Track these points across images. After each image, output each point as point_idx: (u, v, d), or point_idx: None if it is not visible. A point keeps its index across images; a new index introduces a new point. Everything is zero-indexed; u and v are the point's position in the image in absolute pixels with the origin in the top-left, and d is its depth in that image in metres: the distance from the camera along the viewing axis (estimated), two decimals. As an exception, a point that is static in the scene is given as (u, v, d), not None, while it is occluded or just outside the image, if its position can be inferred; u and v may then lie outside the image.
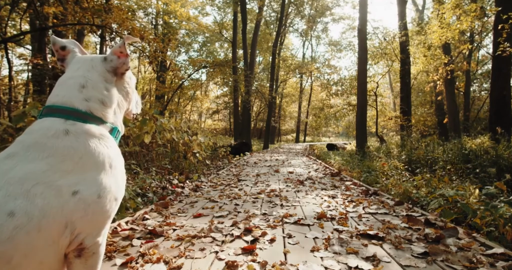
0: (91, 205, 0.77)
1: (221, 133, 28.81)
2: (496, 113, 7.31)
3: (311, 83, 29.48)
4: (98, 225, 0.81)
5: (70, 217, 0.74)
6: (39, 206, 0.70)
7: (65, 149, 0.79)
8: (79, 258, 0.80)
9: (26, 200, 0.69)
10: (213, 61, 17.88)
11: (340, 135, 42.73)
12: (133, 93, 1.10)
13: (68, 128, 0.83)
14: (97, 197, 0.78)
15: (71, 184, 0.76)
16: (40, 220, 0.70)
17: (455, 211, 2.47)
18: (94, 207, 0.78)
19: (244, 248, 1.67)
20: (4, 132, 2.92)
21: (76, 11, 6.14)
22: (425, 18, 16.98)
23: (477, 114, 16.86)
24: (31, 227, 0.68)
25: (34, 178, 0.72)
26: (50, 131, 0.81)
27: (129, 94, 1.06)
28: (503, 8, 6.84)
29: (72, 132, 0.82)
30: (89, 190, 0.77)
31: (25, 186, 0.70)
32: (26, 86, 11.20)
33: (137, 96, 1.17)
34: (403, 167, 5.30)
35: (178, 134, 5.25)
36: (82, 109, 0.87)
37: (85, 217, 0.77)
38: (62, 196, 0.74)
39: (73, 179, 0.77)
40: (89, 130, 0.85)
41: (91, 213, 0.77)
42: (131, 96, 1.09)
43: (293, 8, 24.26)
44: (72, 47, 1.01)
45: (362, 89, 10.28)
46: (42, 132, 0.81)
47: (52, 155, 0.77)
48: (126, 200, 2.51)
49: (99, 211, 0.79)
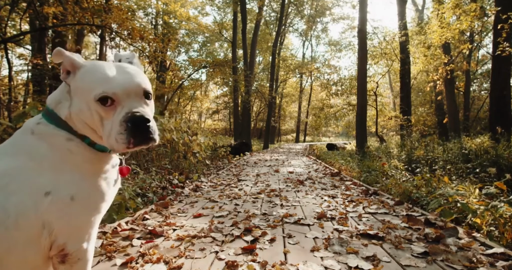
0: (64, 208, 0.76)
1: (221, 133, 28.80)
2: (496, 112, 7.31)
3: (311, 83, 29.48)
4: (77, 229, 0.80)
5: (46, 218, 0.74)
6: (14, 203, 0.71)
7: (28, 147, 0.80)
8: (63, 264, 0.79)
9: (3, 195, 0.71)
10: (213, 61, 17.86)
11: (340, 135, 42.71)
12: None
13: (35, 128, 0.82)
14: (69, 199, 0.77)
15: (44, 184, 0.75)
16: (17, 217, 0.71)
17: (455, 211, 2.47)
18: (68, 210, 0.77)
19: (244, 248, 1.67)
20: (4, 132, 2.91)
21: (76, 11, 6.14)
22: (425, 18, 16.97)
23: (477, 114, 16.85)
24: (10, 223, 0.70)
25: (9, 175, 0.74)
26: (24, 128, 0.83)
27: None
28: (503, 8, 6.83)
29: (36, 132, 0.81)
30: (61, 192, 0.76)
31: (2, 181, 0.72)
32: (26, 86, 11.20)
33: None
34: (403, 167, 5.30)
35: (178, 134, 5.25)
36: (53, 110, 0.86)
37: (61, 219, 0.76)
38: (36, 196, 0.74)
39: (46, 178, 0.76)
40: (57, 131, 0.82)
41: (66, 216, 0.76)
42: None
43: (293, 8, 24.25)
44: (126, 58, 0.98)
45: (362, 89, 10.27)
46: (21, 128, 0.84)
47: (18, 153, 0.79)
48: (126, 200, 2.51)
49: (74, 214, 0.78)
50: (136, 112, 0.77)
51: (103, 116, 0.78)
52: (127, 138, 0.75)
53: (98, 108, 0.77)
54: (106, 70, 0.80)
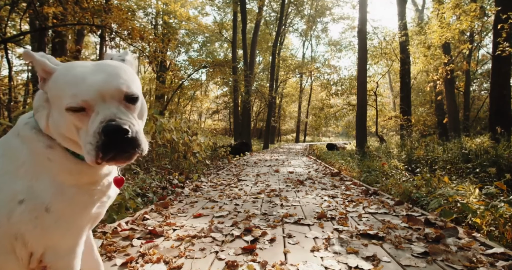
0: (38, 218, 0.70)
1: (221, 133, 28.80)
2: (496, 112, 7.31)
3: (311, 83, 29.47)
4: (53, 242, 0.73)
5: (18, 228, 0.69)
6: None
7: (12, 150, 0.75)
8: None
9: None
10: (213, 61, 17.88)
11: (340, 135, 42.70)
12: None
13: (21, 129, 0.77)
14: (44, 210, 0.70)
15: (20, 191, 0.70)
16: None
17: (455, 210, 2.47)
18: (42, 221, 0.70)
19: (244, 248, 1.67)
20: (4, 132, 2.92)
21: (76, 11, 6.14)
22: (425, 18, 16.97)
23: (477, 113, 16.85)
24: None
25: None
26: (15, 127, 0.79)
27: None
28: (503, 8, 6.83)
29: (21, 134, 0.76)
30: (35, 201, 0.70)
31: None
32: (26, 86, 11.20)
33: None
34: (403, 166, 5.30)
35: (178, 134, 5.25)
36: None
37: (34, 230, 0.69)
38: (10, 203, 0.69)
39: (22, 185, 0.70)
40: (37, 137, 0.76)
41: (39, 227, 0.70)
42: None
43: (293, 8, 24.24)
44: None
45: (362, 89, 10.27)
46: (14, 126, 0.80)
47: (4, 154, 0.75)
48: (126, 200, 2.51)
49: (51, 226, 0.71)
50: (110, 121, 0.65)
51: (77, 125, 0.69)
52: (95, 151, 0.64)
53: (70, 117, 0.67)
54: (77, 71, 0.69)
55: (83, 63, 0.73)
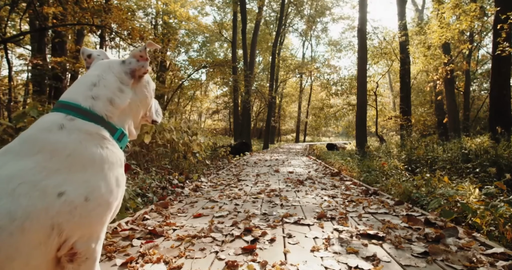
0: (77, 208, 0.75)
1: (221, 133, 28.80)
2: (496, 112, 7.31)
3: (311, 83, 29.48)
4: (88, 229, 0.79)
5: (56, 219, 0.72)
6: (23, 207, 0.68)
7: (54, 144, 0.78)
8: (72, 263, 0.78)
9: (10, 200, 0.68)
10: (213, 61, 17.86)
11: (340, 135, 42.71)
12: (151, 99, 1.10)
13: (64, 123, 0.81)
14: (84, 199, 0.75)
15: (57, 184, 0.73)
16: (24, 221, 0.68)
17: (455, 210, 2.47)
18: (81, 210, 0.75)
19: (244, 248, 1.67)
20: (4, 133, 2.91)
21: (76, 11, 6.14)
22: (425, 18, 16.99)
23: (477, 113, 16.84)
24: (14, 228, 0.66)
25: (20, 176, 0.71)
26: (45, 124, 0.81)
27: (147, 98, 1.06)
28: (502, 8, 6.83)
29: (66, 127, 0.81)
30: (75, 192, 0.75)
31: (10, 185, 0.69)
32: (26, 86, 11.21)
33: (157, 104, 1.18)
34: (403, 166, 5.30)
35: (178, 134, 5.25)
36: (84, 106, 0.86)
37: (72, 220, 0.74)
38: (47, 197, 0.72)
39: (60, 178, 0.74)
40: (84, 127, 0.82)
41: (78, 216, 0.75)
42: (149, 101, 1.08)
43: (292, 8, 24.24)
44: (97, 54, 1.05)
45: (362, 89, 10.27)
46: (39, 125, 0.81)
47: (41, 150, 0.76)
48: (126, 200, 2.51)
49: (87, 215, 0.77)
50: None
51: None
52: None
53: (155, 101, 1.14)
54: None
55: None
